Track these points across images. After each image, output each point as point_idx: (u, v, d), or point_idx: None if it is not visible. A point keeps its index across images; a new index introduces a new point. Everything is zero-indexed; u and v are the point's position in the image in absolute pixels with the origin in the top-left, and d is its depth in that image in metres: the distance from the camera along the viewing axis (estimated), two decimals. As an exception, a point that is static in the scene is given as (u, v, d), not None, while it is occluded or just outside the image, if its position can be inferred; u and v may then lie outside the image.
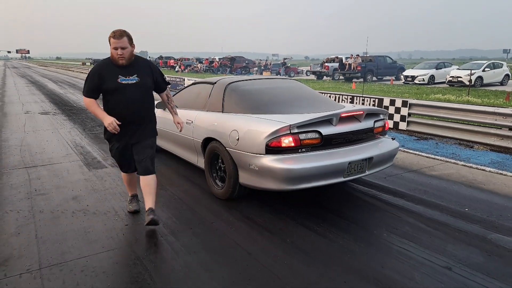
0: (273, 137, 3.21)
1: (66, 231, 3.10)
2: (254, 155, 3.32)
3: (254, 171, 3.35)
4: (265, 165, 3.23)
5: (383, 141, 3.96)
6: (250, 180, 3.47)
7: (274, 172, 3.18)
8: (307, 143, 3.31)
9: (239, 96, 4.09)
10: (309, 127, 3.32)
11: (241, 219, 3.36)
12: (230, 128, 3.64)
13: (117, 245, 2.88)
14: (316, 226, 3.24)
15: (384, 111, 4.14)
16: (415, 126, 7.48)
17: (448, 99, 12.49)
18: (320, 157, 3.32)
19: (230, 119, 3.79)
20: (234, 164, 3.59)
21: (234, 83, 4.29)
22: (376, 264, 2.65)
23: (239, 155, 3.49)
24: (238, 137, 3.50)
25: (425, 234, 3.12)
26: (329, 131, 3.41)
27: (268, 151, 3.24)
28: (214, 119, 3.99)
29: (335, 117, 3.46)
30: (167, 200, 3.83)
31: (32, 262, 2.62)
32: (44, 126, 8.09)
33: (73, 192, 4.02)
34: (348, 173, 3.45)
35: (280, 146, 3.23)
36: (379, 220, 3.39)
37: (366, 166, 3.59)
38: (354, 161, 3.43)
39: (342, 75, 24.79)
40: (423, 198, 3.95)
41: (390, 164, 4.10)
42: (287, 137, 3.22)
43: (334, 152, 3.43)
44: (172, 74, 26.36)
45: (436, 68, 21.50)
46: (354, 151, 3.55)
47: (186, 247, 2.86)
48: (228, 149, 3.63)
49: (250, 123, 3.56)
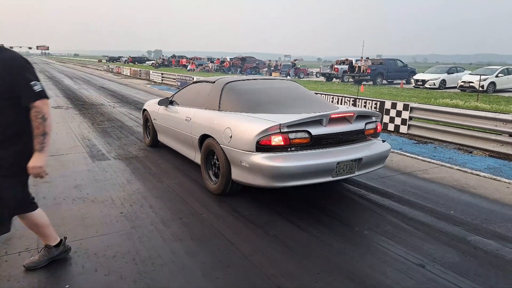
0: (263, 136, 3.33)
1: (65, 216, 3.31)
2: (245, 152, 3.44)
3: (245, 167, 3.47)
4: (255, 162, 3.34)
5: (374, 143, 4.04)
6: (241, 177, 3.59)
7: (263, 169, 3.30)
8: (296, 142, 3.42)
9: (235, 95, 4.23)
10: (299, 126, 3.43)
11: (229, 212, 3.53)
12: (225, 125, 3.78)
13: (110, 230, 3.08)
14: (300, 221, 3.38)
15: (377, 114, 4.19)
16: (416, 129, 7.53)
17: (456, 104, 12.42)
18: (309, 156, 3.41)
19: (225, 117, 3.92)
20: (227, 160, 3.71)
21: (231, 83, 4.43)
22: (352, 259, 2.78)
23: (231, 152, 3.62)
24: (231, 135, 3.63)
25: (405, 233, 3.23)
26: (318, 131, 3.51)
27: (259, 149, 3.36)
28: (211, 117, 4.13)
29: (325, 118, 3.56)
30: (162, 191, 4.02)
31: (31, 242, 2.84)
32: (55, 119, 8.40)
33: (75, 181, 4.24)
34: (337, 173, 3.54)
35: (270, 144, 3.34)
36: (362, 219, 3.51)
37: (355, 166, 3.67)
38: (343, 161, 3.52)
39: (351, 78, 24.75)
40: (410, 199, 4.05)
41: (381, 166, 4.17)
42: (277, 136, 3.34)
43: (323, 152, 3.53)
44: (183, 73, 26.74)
45: (447, 72, 21.29)
46: (344, 151, 3.64)
47: (174, 235, 3.04)
48: (222, 146, 3.76)
49: (242, 121, 3.69)
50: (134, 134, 6.93)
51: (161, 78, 22.02)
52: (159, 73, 22.90)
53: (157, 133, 5.78)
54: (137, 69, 28.49)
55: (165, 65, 46.64)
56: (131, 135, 6.86)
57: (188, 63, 41.23)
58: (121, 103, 11.75)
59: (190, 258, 2.70)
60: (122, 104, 11.49)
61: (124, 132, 7.15)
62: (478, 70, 19.86)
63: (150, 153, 5.63)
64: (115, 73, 33.36)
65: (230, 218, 3.40)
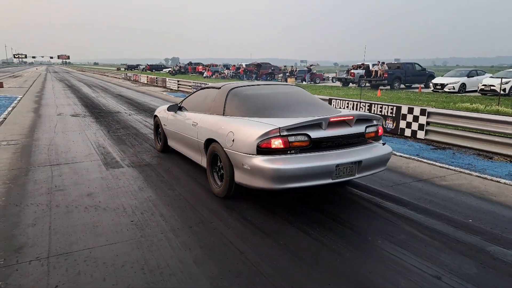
0: (263, 139, 3.41)
1: (77, 224, 3.35)
2: (247, 155, 3.52)
3: (247, 170, 3.53)
4: (256, 165, 3.41)
5: (375, 146, 4.04)
6: (244, 179, 3.65)
7: (264, 172, 3.36)
8: (296, 145, 3.47)
9: (239, 101, 4.31)
10: (298, 130, 3.48)
11: (239, 220, 3.49)
12: (228, 130, 3.86)
13: (120, 239, 3.09)
14: (311, 230, 3.31)
15: (377, 117, 4.18)
16: (434, 135, 7.34)
17: (477, 109, 12.07)
18: (308, 159, 3.45)
19: (229, 122, 4.01)
20: (231, 163, 3.79)
21: (236, 88, 4.53)
22: (364, 269, 2.70)
23: (234, 155, 3.69)
24: (233, 138, 3.71)
25: (420, 243, 3.12)
26: (318, 134, 3.55)
27: (259, 152, 3.43)
28: (216, 122, 4.22)
29: (324, 121, 3.60)
30: (173, 199, 4.03)
31: (42, 251, 2.87)
32: (72, 128, 8.59)
33: (88, 189, 4.30)
34: (337, 175, 3.55)
35: (270, 147, 3.42)
36: (376, 227, 3.41)
37: (355, 169, 3.68)
38: (343, 164, 3.54)
39: (368, 82, 24.46)
40: (427, 207, 3.92)
41: (383, 169, 4.14)
42: (277, 139, 3.41)
43: (323, 154, 3.56)
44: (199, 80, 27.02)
45: (467, 76, 20.75)
46: (343, 154, 3.66)
47: (183, 243, 3.03)
48: (225, 150, 3.84)
49: (244, 125, 3.77)
50: (148, 142, 7.01)
51: (177, 85, 22.30)
52: (175, 80, 23.20)
53: (167, 139, 5.90)
54: (154, 77, 28.96)
55: (182, 72, 47.27)
56: (145, 143, 6.94)
57: (204, 70, 41.67)
58: (137, 111, 11.93)
59: (198, 268, 2.67)
60: (138, 112, 11.67)
61: (138, 140, 7.23)
62: (500, 73, 19.30)
63: (163, 160, 5.66)
64: (132, 81, 34.01)
65: (240, 226, 3.36)
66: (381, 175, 5.00)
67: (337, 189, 4.43)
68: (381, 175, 5.00)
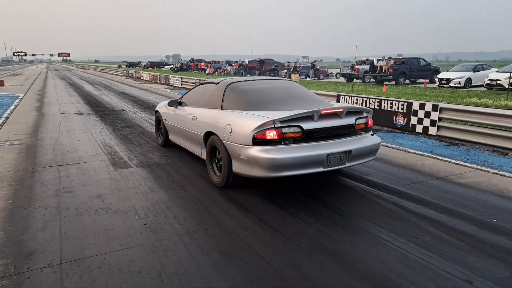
0: (258, 131, 3.62)
1: (88, 228, 3.23)
2: (243, 146, 3.73)
3: (244, 160, 3.74)
4: (252, 155, 3.62)
5: (364, 137, 4.22)
6: (241, 169, 3.85)
7: (259, 161, 3.57)
8: (289, 136, 3.69)
9: (236, 95, 4.48)
10: (291, 122, 3.68)
11: (256, 222, 3.37)
12: (225, 122, 4.06)
13: (134, 243, 2.96)
14: (332, 233, 3.19)
15: (367, 110, 4.34)
16: (446, 131, 7.19)
17: (485, 103, 11.90)
18: (301, 148, 3.67)
19: (226, 115, 4.20)
20: (228, 154, 4.00)
21: (234, 83, 4.72)
22: (392, 274, 2.57)
23: (231, 147, 3.90)
24: (231, 131, 3.92)
25: (446, 245, 2.99)
26: (310, 126, 3.75)
27: (255, 143, 3.65)
28: (214, 115, 4.41)
29: (315, 114, 3.79)
30: (186, 200, 3.90)
31: (54, 257, 2.75)
32: (77, 126, 8.47)
33: (98, 191, 4.18)
34: (328, 164, 3.77)
35: (265, 138, 3.62)
36: (399, 229, 3.28)
37: (346, 158, 3.89)
38: (333, 153, 3.76)
39: (372, 78, 24.24)
40: (448, 206, 3.79)
41: (373, 158, 4.34)
42: (271, 131, 3.62)
43: (315, 145, 3.76)
44: (202, 77, 26.84)
45: (473, 70, 20.51)
46: (334, 144, 3.86)
47: (200, 248, 2.90)
48: (223, 142, 4.04)
49: (241, 118, 3.96)
50: (155, 140, 6.88)
51: (181, 83, 22.13)
52: (179, 78, 23.03)
53: (168, 133, 6.08)
54: (157, 74, 28.80)
55: (184, 69, 47.08)
56: (152, 141, 6.82)
57: (207, 67, 41.47)
58: (141, 109, 11.80)
59: (218, 274, 2.55)
60: (143, 110, 11.54)
61: (145, 138, 7.11)
62: (506, 67, 19.05)
63: (172, 159, 5.54)
64: (135, 78, 33.86)
65: (258, 229, 3.23)
66: (397, 173, 4.87)
67: (354, 187, 4.30)
68: (397, 173, 4.87)
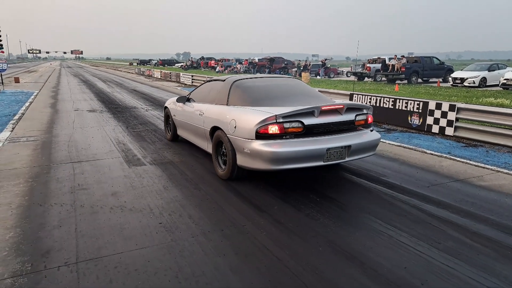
0: (261, 125, 3.78)
1: (104, 227, 3.20)
2: (247, 140, 3.89)
3: (247, 154, 3.89)
4: (255, 149, 3.78)
5: (364, 133, 4.34)
6: (245, 162, 4.01)
7: (262, 154, 3.73)
8: (291, 131, 3.83)
9: (241, 92, 4.65)
10: (293, 117, 3.84)
11: (272, 223, 3.30)
12: (230, 118, 4.22)
13: (150, 243, 2.93)
14: (351, 235, 3.10)
15: (367, 106, 4.44)
16: (463, 131, 7.02)
17: (501, 104, 11.64)
18: (301, 143, 3.81)
19: (231, 111, 4.37)
20: (233, 148, 4.16)
21: (239, 80, 4.89)
22: (416, 280, 2.48)
23: (236, 141, 4.07)
24: (235, 125, 4.08)
25: (471, 251, 2.89)
26: (311, 121, 3.90)
27: (258, 137, 3.81)
28: (220, 111, 4.58)
29: (316, 110, 3.93)
30: (200, 199, 3.86)
31: (70, 255, 2.73)
32: (91, 123, 8.51)
33: (112, 188, 4.16)
34: (328, 158, 3.91)
35: (267, 132, 3.78)
36: (421, 233, 3.17)
37: (345, 153, 4.02)
38: (333, 148, 3.89)
39: (384, 77, 23.94)
40: (470, 210, 3.67)
41: (372, 153, 4.47)
42: (274, 126, 3.78)
43: (315, 139, 3.89)
44: (212, 75, 26.85)
45: (488, 70, 20.10)
46: (334, 139, 3.98)
47: (217, 248, 2.85)
48: (228, 136, 4.21)
49: (245, 113, 4.12)
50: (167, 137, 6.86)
51: (191, 80, 22.17)
52: (189, 75, 23.07)
53: (177, 128, 6.29)
54: (168, 72, 28.89)
55: (194, 67, 47.17)
56: (165, 139, 6.80)
57: (217, 65, 41.48)
58: (153, 106, 11.82)
59: (235, 277, 2.49)
60: (155, 107, 11.55)
61: (158, 136, 7.10)
62: (523, 66, 18.63)
63: (185, 157, 5.51)
64: (146, 75, 34.04)
65: (274, 230, 3.17)
66: (416, 175, 4.75)
67: (371, 188, 4.20)
68: (416, 175, 4.75)
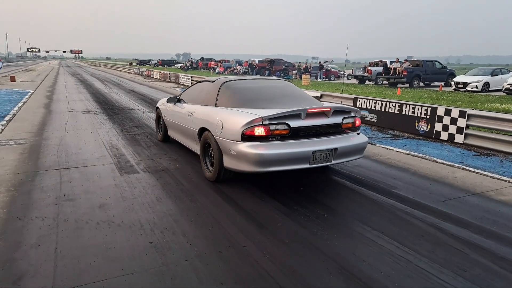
0: (247, 127, 3.73)
1: (87, 246, 2.86)
2: (233, 142, 3.85)
3: (234, 155, 3.85)
4: (241, 150, 3.74)
5: (351, 136, 4.28)
6: (231, 164, 3.96)
7: (247, 156, 3.68)
8: (277, 133, 3.80)
9: (230, 93, 4.60)
10: (279, 119, 3.80)
11: (276, 244, 2.96)
12: (218, 119, 4.19)
13: (138, 267, 2.58)
14: (365, 261, 2.76)
15: (355, 110, 4.40)
16: (474, 139, 6.70)
17: (507, 109, 11.34)
18: (287, 145, 3.77)
19: (219, 112, 4.34)
20: (220, 150, 4.11)
21: (229, 82, 4.85)
22: (442, 318, 2.15)
23: (222, 142, 4.03)
24: (222, 127, 4.04)
25: (503, 281, 2.55)
26: (297, 124, 3.85)
27: (244, 139, 3.76)
28: (208, 112, 4.54)
29: (303, 112, 3.86)
30: (195, 213, 3.51)
31: (46, 283, 2.38)
32: (84, 125, 8.16)
33: (101, 199, 3.82)
34: (314, 161, 3.85)
35: (253, 134, 3.74)
36: (443, 258, 2.83)
37: (332, 156, 3.97)
38: (319, 150, 3.84)
39: (386, 80, 23.64)
40: (493, 230, 3.34)
41: (360, 157, 4.41)
42: (260, 127, 3.74)
43: (301, 142, 3.86)
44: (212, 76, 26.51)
45: (491, 74, 19.82)
46: (320, 142, 3.93)
47: (213, 275, 2.51)
48: (215, 137, 4.17)
49: (232, 115, 4.08)
50: (164, 143, 6.52)
51: (191, 81, 21.81)
52: (189, 76, 22.72)
53: (167, 129, 6.22)
54: (167, 72, 28.54)
55: (194, 67, 46.85)
56: (161, 144, 6.45)
57: (217, 66, 41.17)
58: (150, 108, 11.47)
59: (235, 312, 2.15)
60: (152, 109, 11.20)
61: (153, 140, 6.75)
62: (527, 72, 18.37)
63: (181, 164, 5.16)
64: (145, 76, 33.66)
65: (278, 252, 2.83)
66: (429, 187, 4.42)
67: (382, 203, 3.86)
68: (429, 187, 4.42)
